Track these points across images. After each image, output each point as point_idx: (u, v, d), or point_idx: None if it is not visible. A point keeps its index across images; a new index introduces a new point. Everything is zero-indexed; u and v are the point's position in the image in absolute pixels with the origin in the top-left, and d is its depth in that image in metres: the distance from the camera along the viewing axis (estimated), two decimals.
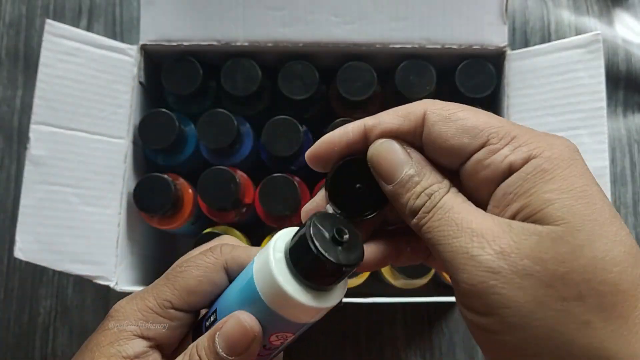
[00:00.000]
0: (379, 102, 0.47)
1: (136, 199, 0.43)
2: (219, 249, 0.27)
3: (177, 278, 0.26)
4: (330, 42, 0.45)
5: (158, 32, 0.45)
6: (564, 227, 0.19)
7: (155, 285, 0.27)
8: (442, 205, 0.22)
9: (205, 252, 0.27)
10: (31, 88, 0.57)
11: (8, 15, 0.60)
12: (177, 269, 0.27)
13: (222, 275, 0.27)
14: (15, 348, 0.53)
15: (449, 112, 0.23)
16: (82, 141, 0.43)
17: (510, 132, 0.22)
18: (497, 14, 0.44)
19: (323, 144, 0.25)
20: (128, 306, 0.27)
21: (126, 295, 0.28)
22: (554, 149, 0.21)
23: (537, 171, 0.20)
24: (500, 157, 0.21)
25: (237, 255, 0.27)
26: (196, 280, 0.26)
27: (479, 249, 0.20)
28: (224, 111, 0.44)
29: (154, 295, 0.26)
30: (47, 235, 0.41)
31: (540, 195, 0.20)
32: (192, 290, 0.26)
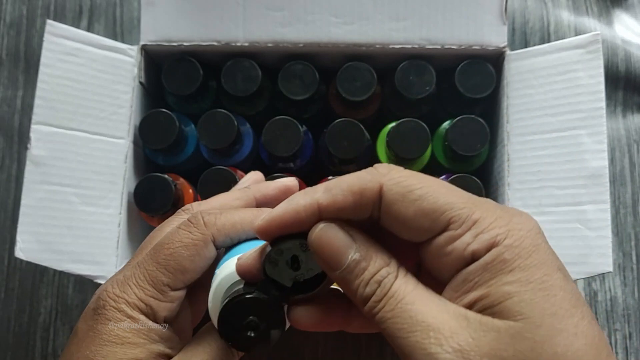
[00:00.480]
0: (378, 102, 0.47)
1: (136, 199, 0.43)
2: (201, 221, 0.27)
3: (168, 261, 0.26)
4: (330, 43, 0.45)
5: (158, 32, 0.45)
6: (523, 322, 0.19)
7: (145, 270, 0.27)
8: (394, 293, 0.21)
9: (189, 228, 0.27)
10: (32, 88, 0.57)
11: (9, 15, 0.60)
12: (165, 250, 0.26)
13: (210, 249, 0.27)
14: (16, 347, 0.53)
15: (407, 189, 0.21)
16: (82, 141, 0.43)
17: (472, 215, 0.21)
18: (497, 15, 0.44)
19: (273, 221, 0.23)
20: (123, 293, 0.26)
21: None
22: (515, 234, 0.20)
23: (498, 261, 0.20)
24: (463, 245, 0.21)
25: (222, 226, 0.27)
26: (188, 260, 0.26)
27: (437, 346, 0.19)
28: (224, 111, 0.44)
29: (150, 282, 0.26)
30: (47, 235, 0.41)
31: (500, 287, 0.20)
32: (186, 270, 0.26)
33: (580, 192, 0.41)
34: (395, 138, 0.44)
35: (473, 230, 0.21)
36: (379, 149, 0.46)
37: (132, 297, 0.26)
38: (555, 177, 0.42)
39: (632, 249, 0.55)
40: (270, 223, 0.23)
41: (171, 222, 0.31)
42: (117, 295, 0.26)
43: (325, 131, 0.44)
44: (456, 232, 0.21)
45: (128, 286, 0.26)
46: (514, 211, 0.22)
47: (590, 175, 0.41)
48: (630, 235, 0.56)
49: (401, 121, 0.44)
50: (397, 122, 0.44)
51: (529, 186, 0.42)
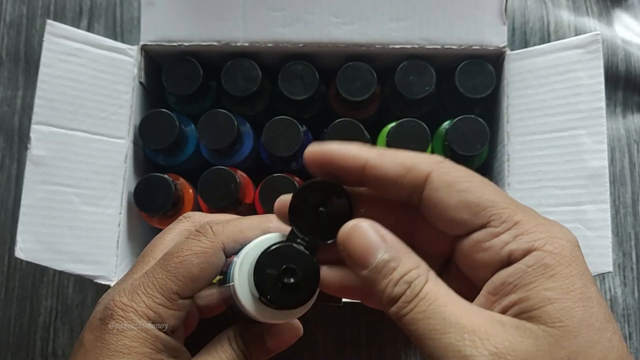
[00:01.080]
0: (378, 102, 0.47)
1: (137, 199, 0.43)
2: (209, 230, 0.27)
3: (178, 269, 0.26)
4: (330, 43, 0.45)
5: (158, 32, 0.45)
6: (562, 330, 0.19)
7: (155, 279, 0.26)
8: (425, 295, 0.20)
9: (198, 237, 0.27)
10: (32, 88, 0.57)
11: (9, 15, 0.60)
12: (175, 259, 0.26)
13: (220, 256, 0.27)
14: (16, 347, 0.53)
15: (455, 179, 0.22)
16: (82, 141, 0.43)
17: (514, 216, 0.21)
18: (497, 15, 0.44)
19: (323, 151, 0.23)
20: (133, 302, 0.26)
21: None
22: (556, 242, 0.21)
23: (539, 265, 0.20)
24: (501, 243, 0.21)
25: (230, 233, 0.27)
26: (198, 268, 0.26)
27: (472, 348, 0.19)
28: (224, 111, 0.44)
29: (160, 290, 0.26)
30: (47, 235, 0.41)
31: (541, 291, 0.20)
32: (195, 278, 0.26)
33: (580, 192, 0.41)
34: (395, 138, 0.44)
35: (513, 230, 0.21)
36: None
37: (141, 306, 0.26)
38: (555, 177, 0.42)
39: (632, 249, 0.55)
40: (319, 151, 0.23)
41: (173, 229, 0.31)
42: (126, 304, 0.26)
43: (325, 131, 0.44)
44: (496, 229, 0.21)
45: (137, 295, 0.26)
46: (555, 222, 0.22)
47: (590, 175, 0.41)
48: (630, 235, 0.56)
49: (401, 121, 0.44)
50: (397, 122, 0.44)
51: (529, 186, 0.42)
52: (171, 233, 0.30)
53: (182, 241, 0.27)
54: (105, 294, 0.28)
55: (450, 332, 0.19)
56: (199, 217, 0.31)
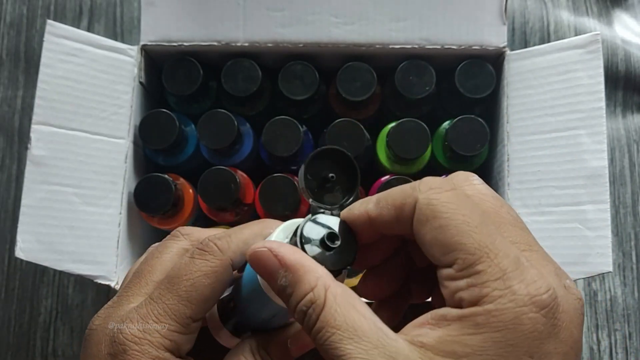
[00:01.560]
0: (378, 103, 0.47)
1: (137, 199, 0.43)
2: (215, 247, 0.26)
3: (190, 293, 0.25)
4: (330, 43, 0.45)
5: (158, 32, 0.45)
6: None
7: (165, 305, 0.25)
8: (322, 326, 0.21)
9: (205, 256, 0.26)
10: (32, 88, 0.57)
11: (9, 15, 0.60)
12: (185, 282, 0.25)
13: (230, 273, 0.26)
14: (16, 347, 0.53)
15: (434, 213, 0.21)
16: (83, 141, 0.43)
17: (477, 264, 0.20)
18: (497, 15, 0.44)
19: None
20: (148, 335, 0.25)
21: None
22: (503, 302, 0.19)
23: (469, 320, 0.20)
24: (455, 288, 0.20)
25: (236, 247, 0.26)
26: (210, 289, 0.25)
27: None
28: (225, 111, 0.44)
29: (173, 317, 0.25)
30: (48, 235, 0.41)
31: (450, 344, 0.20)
32: (208, 299, 0.25)
33: (580, 192, 0.41)
34: (395, 138, 0.44)
35: (471, 279, 0.20)
36: (379, 149, 0.46)
37: (156, 336, 0.25)
38: (554, 177, 0.42)
39: (631, 249, 0.55)
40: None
41: (169, 247, 0.29)
42: (139, 337, 0.25)
43: (325, 131, 0.44)
44: (456, 273, 0.21)
45: (148, 324, 0.25)
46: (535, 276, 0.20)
47: (590, 175, 0.41)
48: (630, 235, 0.56)
49: (401, 121, 0.44)
50: (397, 122, 0.44)
51: (529, 186, 0.42)
52: (169, 252, 0.29)
53: (187, 262, 0.26)
54: (100, 319, 0.26)
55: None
56: (197, 234, 0.30)
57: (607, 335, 0.54)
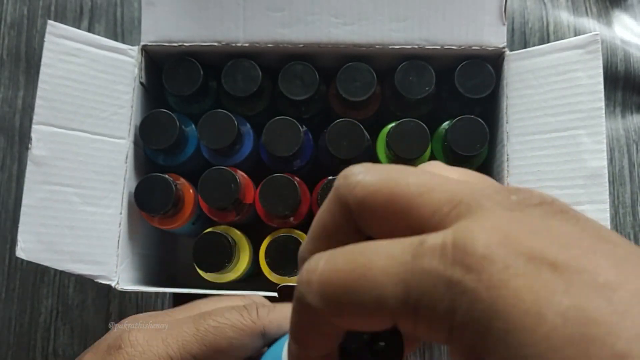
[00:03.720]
0: (378, 103, 0.47)
1: (137, 199, 0.43)
2: (255, 311, 0.25)
3: (208, 333, 0.24)
4: (330, 43, 0.45)
5: (159, 33, 0.45)
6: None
7: (181, 331, 0.24)
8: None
9: (242, 312, 0.25)
10: (33, 88, 0.57)
11: (9, 15, 0.60)
12: (210, 322, 0.24)
13: (256, 340, 0.25)
14: (17, 347, 0.53)
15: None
16: (83, 141, 0.43)
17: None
18: (496, 15, 0.45)
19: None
20: (147, 346, 0.24)
21: (126, 294, 0.27)
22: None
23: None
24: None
25: (275, 318, 0.25)
26: (228, 342, 0.24)
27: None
28: (225, 111, 0.44)
29: (180, 344, 0.24)
30: (48, 235, 0.42)
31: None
32: (221, 351, 0.24)
33: (580, 192, 0.41)
34: (395, 138, 0.44)
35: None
36: (379, 149, 0.47)
37: (152, 350, 0.24)
38: (554, 177, 0.42)
39: None
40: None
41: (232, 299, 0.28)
42: (139, 342, 0.24)
43: (325, 131, 0.44)
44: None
45: (154, 339, 0.24)
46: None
47: (590, 175, 0.41)
48: (630, 235, 0.56)
49: (401, 121, 0.44)
50: (397, 123, 0.44)
51: (528, 186, 0.42)
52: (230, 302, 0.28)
53: (226, 309, 0.25)
54: (133, 318, 0.26)
55: None
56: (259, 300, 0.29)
57: None
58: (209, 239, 0.43)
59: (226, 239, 0.43)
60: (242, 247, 0.46)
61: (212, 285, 0.46)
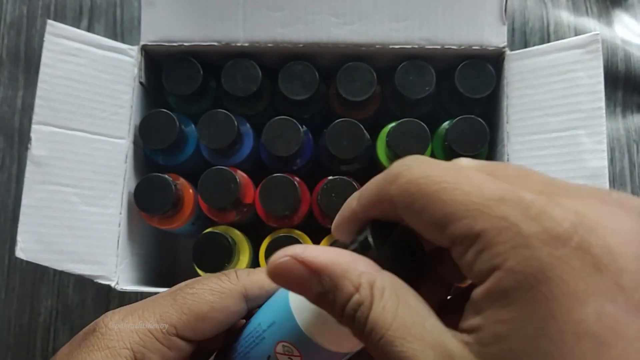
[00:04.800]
0: (378, 103, 0.47)
1: (137, 199, 0.43)
2: (234, 274, 0.24)
3: (186, 300, 0.23)
4: (330, 43, 0.45)
5: (158, 32, 0.45)
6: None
7: (158, 304, 0.23)
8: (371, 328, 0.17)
9: (220, 276, 0.24)
10: (32, 88, 0.57)
11: (9, 15, 0.60)
12: (187, 290, 0.23)
13: (238, 303, 0.24)
14: (16, 347, 0.53)
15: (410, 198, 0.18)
16: (83, 141, 0.43)
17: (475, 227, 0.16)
18: (497, 15, 0.45)
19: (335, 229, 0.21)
20: (123, 324, 0.23)
21: (125, 294, 0.26)
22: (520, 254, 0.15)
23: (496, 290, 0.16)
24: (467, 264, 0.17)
25: (256, 279, 0.24)
26: (208, 306, 0.23)
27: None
28: (224, 111, 0.44)
29: (157, 316, 0.23)
30: (48, 235, 0.42)
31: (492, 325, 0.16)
32: (202, 317, 0.23)
33: None
34: (395, 138, 0.44)
35: (475, 246, 0.17)
36: (379, 149, 0.46)
37: (128, 327, 0.22)
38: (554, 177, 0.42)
39: None
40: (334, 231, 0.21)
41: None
42: (113, 322, 0.23)
43: (325, 131, 0.44)
44: (459, 248, 0.17)
45: (130, 315, 0.23)
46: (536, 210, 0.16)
47: (590, 175, 0.41)
48: None
49: (401, 121, 0.44)
50: (397, 122, 0.44)
51: None
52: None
53: (202, 277, 0.24)
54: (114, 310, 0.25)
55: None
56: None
57: None
58: (208, 239, 0.43)
59: (226, 239, 0.43)
60: (242, 247, 0.46)
61: None
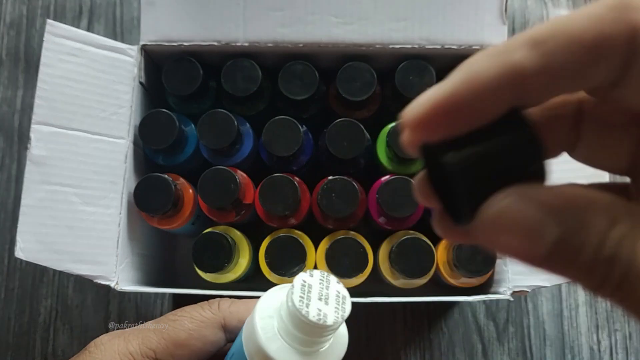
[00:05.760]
0: (378, 102, 0.47)
1: (137, 199, 0.43)
2: (216, 304, 0.26)
3: (167, 327, 0.24)
4: (330, 43, 0.45)
5: (158, 32, 0.45)
6: None
7: (144, 329, 0.25)
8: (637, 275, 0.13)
9: (202, 305, 0.25)
10: (32, 88, 0.57)
11: (9, 15, 0.60)
12: (171, 317, 0.25)
13: (216, 332, 0.25)
14: (16, 347, 0.53)
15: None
16: (82, 141, 0.43)
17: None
18: (497, 14, 0.45)
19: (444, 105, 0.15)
20: (109, 344, 0.24)
21: (125, 294, 0.27)
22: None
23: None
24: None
25: (236, 311, 0.25)
26: (187, 334, 0.24)
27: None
28: (224, 111, 0.44)
29: (140, 340, 0.24)
30: (47, 235, 0.41)
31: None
32: (180, 344, 0.24)
33: None
34: (395, 138, 0.44)
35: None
36: (379, 149, 0.46)
37: (113, 348, 0.24)
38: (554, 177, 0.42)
39: None
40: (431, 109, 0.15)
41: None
42: (102, 343, 0.25)
43: (325, 131, 0.44)
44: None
45: (117, 337, 0.25)
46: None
47: (590, 175, 0.41)
48: None
49: None
50: (397, 122, 0.44)
51: None
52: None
53: (189, 306, 0.26)
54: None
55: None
56: (227, 299, 0.29)
57: (607, 335, 0.54)
58: (208, 239, 0.43)
59: (226, 239, 0.43)
60: (242, 247, 0.46)
61: (212, 285, 0.46)
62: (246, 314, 0.25)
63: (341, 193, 0.43)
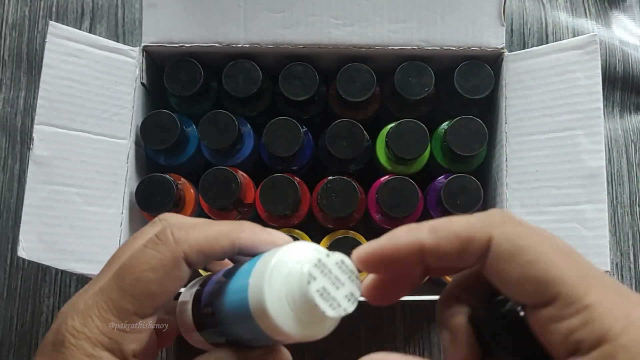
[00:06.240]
0: (378, 103, 0.47)
1: (138, 199, 0.43)
2: (170, 237, 0.24)
3: (134, 287, 0.23)
4: (330, 44, 0.45)
5: (160, 33, 0.46)
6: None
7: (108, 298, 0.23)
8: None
9: (157, 246, 0.23)
10: (34, 89, 0.58)
11: (11, 16, 0.60)
12: (130, 275, 0.23)
13: (182, 268, 0.23)
14: (18, 346, 0.54)
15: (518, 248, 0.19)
16: (85, 142, 0.43)
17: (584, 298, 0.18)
18: (495, 16, 0.45)
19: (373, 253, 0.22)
20: (87, 329, 0.23)
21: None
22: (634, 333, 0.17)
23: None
24: (567, 329, 0.18)
25: (195, 241, 0.23)
26: (157, 284, 0.23)
27: None
28: (225, 112, 0.44)
29: (114, 312, 0.23)
30: (50, 234, 0.42)
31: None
32: (154, 295, 0.23)
33: (578, 192, 0.42)
34: (394, 138, 0.44)
35: (582, 315, 0.18)
36: (379, 149, 0.47)
37: (94, 332, 0.23)
38: (553, 177, 0.42)
39: (629, 248, 0.56)
40: (369, 255, 0.22)
41: (144, 232, 0.27)
42: (77, 330, 0.23)
43: (325, 132, 0.45)
44: (562, 311, 0.18)
45: (89, 318, 0.23)
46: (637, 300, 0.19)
47: (588, 175, 0.42)
48: (628, 235, 0.56)
49: (400, 122, 0.44)
50: (396, 123, 0.44)
51: (527, 186, 0.43)
52: (142, 238, 0.26)
53: (139, 251, 0.24)
54: (66, 304, 0.25)
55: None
56: (175, 220, 0.27)
57: None
58: None
59: None
60: None
61: None
62: (206, 244, 0.23)
63: (341, 193, 0.43)
